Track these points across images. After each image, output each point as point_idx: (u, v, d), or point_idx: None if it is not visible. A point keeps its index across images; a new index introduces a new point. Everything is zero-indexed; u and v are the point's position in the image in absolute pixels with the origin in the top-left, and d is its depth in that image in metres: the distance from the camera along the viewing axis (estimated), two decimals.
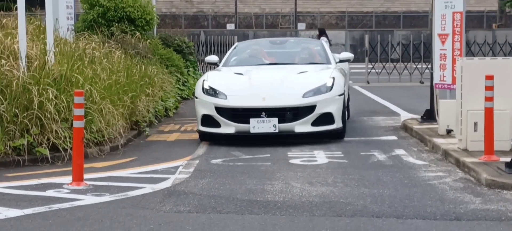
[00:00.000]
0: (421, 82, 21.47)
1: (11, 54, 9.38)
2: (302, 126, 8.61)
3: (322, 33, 27.95)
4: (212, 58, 10.74)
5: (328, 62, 10.76)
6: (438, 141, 9.69)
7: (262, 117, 8.34)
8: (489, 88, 8.18)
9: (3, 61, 9.13)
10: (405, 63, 23.66)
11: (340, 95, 8.97)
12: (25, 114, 8.74)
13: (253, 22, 47.63)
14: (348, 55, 10.89)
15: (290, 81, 9.46)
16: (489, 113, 8.22)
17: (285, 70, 10.29)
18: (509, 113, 8.79)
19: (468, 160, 8.25)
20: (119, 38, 15.28)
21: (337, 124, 9.03)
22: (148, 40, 16.88)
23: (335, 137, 9.33)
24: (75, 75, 9.88)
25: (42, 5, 12.16)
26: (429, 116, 11.61)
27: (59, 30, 11.71)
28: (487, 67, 8.78)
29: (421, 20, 43.94)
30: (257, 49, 11.74)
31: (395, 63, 23.72)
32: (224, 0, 50.10)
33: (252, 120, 8.51)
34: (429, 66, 14.72)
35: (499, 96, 8.44)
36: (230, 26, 42.37)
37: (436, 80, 11.37)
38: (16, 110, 8.71)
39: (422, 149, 9.87)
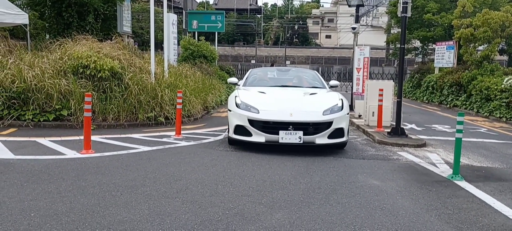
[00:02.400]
0: (346, 91, 22.56)
1: (147, 71, 10.21)
2: (321, 139, 6.82)
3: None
4: (233, 80, 8.87)
5: (324, 86, 8.59)
6: (354, 120, 10.82)
7: (290, 130, 6.72)
8: (381, 95, 9.31)
9: (143, 75, 9.92)
10: (340, 82, 28.36)
11: (347, 114, 7.20)
12: (153, 101, 9.48)
13: (264, 59, 54.00)
14: (337, 82, 9.07)
15: (309, 100, 7.47)
16: (380, 107, 9.35)
17: (297, 91, 8.09)
18: (390, 107, 9.93)
19: (369, 130, 9.29)
20: (198, 65, 16.59)
21: (346, 137, 7.15)
22: (213, 66, 18.32)
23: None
24: (178, 83, 10.67)
25: (162, 48, 14.64)
26: (350, 108, 13.06)
27: (170, 61, 12.90)
28: (379, 85, 10.03)
29: (346, 61, 50.48)
30: (269, 74, 9.59)
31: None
32: (249, 48, 58.54)
33: (281, 132, 6.71)
34: (350, 84, 17.57)
35: (385, 99, 9.54)
36: (253, 61, 49.78)
37: (354, 90, 13.35)
38: (149, 99, 9.43)
39: None
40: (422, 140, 8.51)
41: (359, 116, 11.47)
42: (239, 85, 8.67)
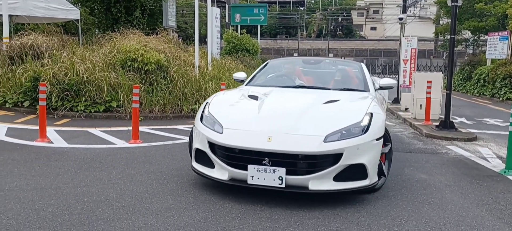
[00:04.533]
0: None
1: (191, 65, 10.45)
2: (320, 181, 3.89)
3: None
4: (240, 75, 6.14)
5: (366, 89, 5.43)
6: (400, 113, 10.73)
7: (265, 164, 3.87)
8: (429, 87, 9.03)
9: (188, 68, 10.17)
10: (384, 75, 27.78)
11: (378, 139, 4.17)
12: (197, 93, 9.72)
13: (306, 52, 52.71)
14: (390, 82, 5.75)
15: (312, 114, 4.36)
16: (428, 100, 9.09)
17: (311, 96, 5.03)
18: (438, 100, 9.69)
19: (416, 123, 9.10)
20: (241, 58, 16.91)
21: (371, 179, 4.09)
22: (255, 60, 18.42)
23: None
24: (221, 75, 10.90)
25: (205, 42, 14.91)
26: (395, 101, 13.12)
27: (213, 54, 13.22)
28: (427, 77, 9.75)
29: (392, 53, 47.66)
30: (288, 68, 6.41)
31: (378, 75, 27.11)
32: (292, 41, 58.09)
33: (250, 167, 3.89)
34: (396, 76, 17.39)
35: (433, 91, 9.30)
36: (295, 54, 47.97)
37: (400, 83, 13.00)
38: (193, 91, 9.68)
39: (392, 117, 10.63)
40: (473, 133, 8.25)
41: (406, 109, 11.31)
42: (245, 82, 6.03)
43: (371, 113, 4.34)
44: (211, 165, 4.22)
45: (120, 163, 5.40)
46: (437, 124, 8.65)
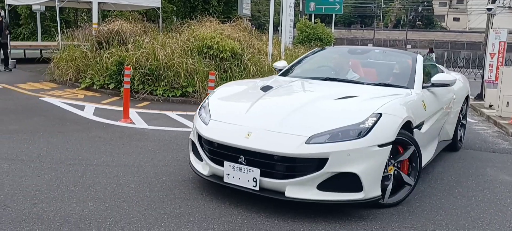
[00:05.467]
0: (474, 79, 20.35)
1: (264, 53, 10.68)
2: (300, 188, 3.37)
3: (431, 51, 27.99)
4: (280, 64, 5.59)
5: (410, 85, 4.54)
6: (484, 110, 10.02)
7: (241, 162, 3.50)
8: None
9: (261, 56, 10.39)
10: (466, 69, 25.97)
11: (381, 145, 3.44)
12: None
13: (382, 43, 50.28)
14: (446, 78, 4.67)
15: (309, 111, 3.77)
16: None
17: (328, 91, 4.39)
18: None
19: (501, 121, 8.52)
20: (313, 47, 17.82)
21: (367, 192, 3.40)
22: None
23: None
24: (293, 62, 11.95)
25: (278, 31, 14.94)
26: (479, 97, 12.32)
27: (286, 43, 13.06)
28: None
29: (476, 46, 43.60)
30: (328, 59, 5.75)
31: (460, 69, 25.14)
32: (367, 31, 55.97)
33: (226, 164, 3.57)
34: (479, 71, 17.10)
35: None
36: (370, 44, 45.83)
37: (486, 77, 12.34)
38: None
39: (474, 114, 9.99)
40: None
41: (490, 105, 10.57)
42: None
43: (380, 115, 3.56)
44: (200, 158, 3.94)
45: None
46: None
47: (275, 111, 3.85)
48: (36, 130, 6.10)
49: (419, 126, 4.13)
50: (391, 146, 3.53)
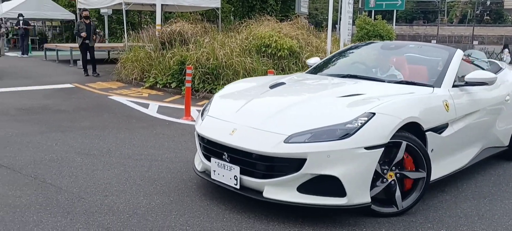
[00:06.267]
0: None
1: (323, 51, 10.40)
2: (278, 189, 3.25)
3: (505, 47, 25.04)
4: (312, 60, 5.44)
5: (437, 84, 4.06)
6: None
7: (225, 159, 3.48)
8: None
9: (319, 54, 9.74)
10: None
11: (370, 148, 3.14)
12: None
13: (446, 39, 48.20)
14: (482, 75, 4.11)
15: (299, 109, 3.59)
16: None
17: (335, 89, 4.13)
18: None
19: None
20: None
21: (351, 198, 3.16)
22: None
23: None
24: None
25: (335, 28, 14.67)
26: None
27: (345, 40, 12.62)
28: None
29: None
30: (359, 55, 5.31)
31: None
32: (430, 27, 54.08)
33: (213, 161, 3.59)
34: None
35: None
36: (433, 41, 43.60)
37: None
38: None
39: None
40: None
41: None
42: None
43: (373, 114, 3.24)
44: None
45: None
46: None
47: (265, 109, 3.71)
48: (105, 126, 6.46)
49: (439, 129, 3.73)
50: (383, 149, 3.20)
